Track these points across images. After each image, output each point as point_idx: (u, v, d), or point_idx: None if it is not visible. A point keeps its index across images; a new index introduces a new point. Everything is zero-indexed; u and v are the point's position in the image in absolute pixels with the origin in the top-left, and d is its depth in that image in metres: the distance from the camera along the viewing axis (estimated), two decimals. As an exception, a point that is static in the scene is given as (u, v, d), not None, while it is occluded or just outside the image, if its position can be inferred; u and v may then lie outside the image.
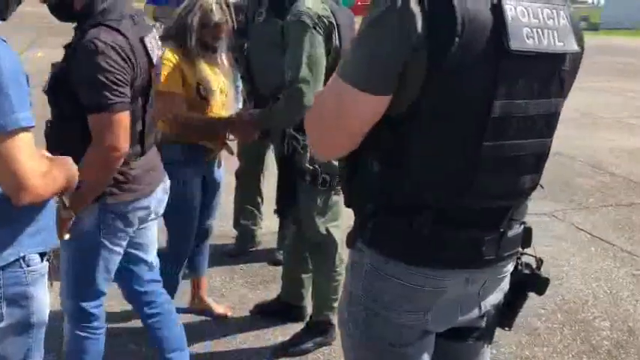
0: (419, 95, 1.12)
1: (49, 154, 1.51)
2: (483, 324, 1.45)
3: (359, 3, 11.58)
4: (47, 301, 1.51)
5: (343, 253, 2.67)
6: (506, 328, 1.50)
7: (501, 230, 1.29)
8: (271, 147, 3.48)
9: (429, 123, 1.15)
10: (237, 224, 3.72)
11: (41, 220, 1.44)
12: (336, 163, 2.47)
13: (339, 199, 2.58)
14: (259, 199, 3.71)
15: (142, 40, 1.82)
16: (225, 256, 3.57)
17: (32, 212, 1.39)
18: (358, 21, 2.49)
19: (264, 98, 3.04)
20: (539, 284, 1.44)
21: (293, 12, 2.32)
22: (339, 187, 2.58)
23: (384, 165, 1.22)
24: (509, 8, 1.11)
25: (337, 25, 2.38)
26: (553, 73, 1.21)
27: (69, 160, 1.52)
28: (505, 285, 1.43)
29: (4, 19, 1.42)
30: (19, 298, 1.41)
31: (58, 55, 1.84)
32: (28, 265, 1.41)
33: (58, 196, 1.53)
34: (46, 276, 1.49)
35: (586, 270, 3.71)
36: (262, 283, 3.33)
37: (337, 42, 2.38)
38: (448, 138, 1.16)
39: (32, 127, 1.31)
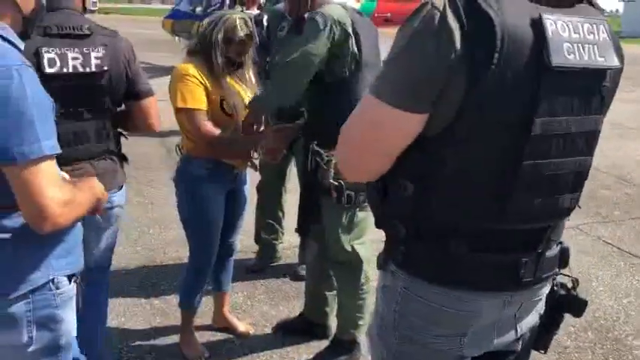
0: (456, 113, 1.09)
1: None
2: (519, 347, 1.40)
3: (376, 15, 11.59)
4: (75, 323, 1.49)
5: (369, 271, 2.63)
6: (542, 351, 1.45)
7: (539, 251, 1.25)
8: (293, 161, 3.46)
9: (466, 142, 1.11)
10: (258, 239, 3.69)
11: (69, 242, 1.43)
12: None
13: (364, 215, 2.54)
14: (280, 214, 3.68)
15: (35, 53, 1.77)
16: (246, 272, 3.54)
17: (61, 234, 1.38)
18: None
19: (286, 113, 3.03)
20: (576, 305, 1.39)
21: (313, 12, 2.38)
22: (365, 204, 2.55)
23: (417, 187, 1.19)
24: (550, 23, 1.08)
25: (356, 34, 2.36)
26: (594, 89, 1.17)
27: (93, 180, 1.51)
28: (541, 306, 1.39)
29: (28, 37, 1.42)
30: (49, 321, 1.40)
31: None
32: (57, 288, 1.40)
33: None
34: (74, 298, 1.47)
35: (615, 286, 3.62)
36: (284, 300, 3.29)
37: (354, 49, 2.35)
38: (486, 158, 1.12)
39: (57, 153, 1.30)
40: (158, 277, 3.43)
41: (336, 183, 2.43)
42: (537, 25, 1.07)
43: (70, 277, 1.45)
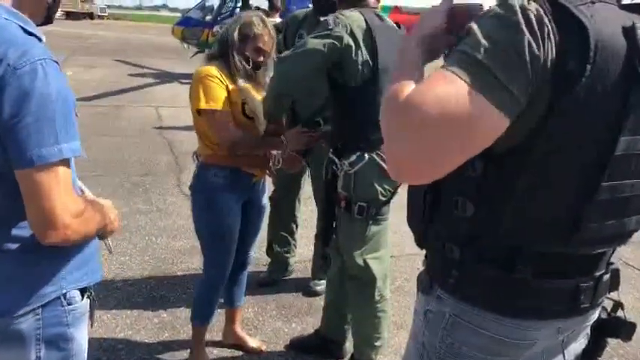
0: (535, 128, 0.98)
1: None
2: None
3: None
4: (86, 342, 1.38)
5: (384, 288, 2.51)
6: None
7: (597, 276, 1.18)
8: (307, 172, 3.35)
9: (542, 161, 1.01)
10: (269, 251, 3.58)
11: (85, 252, 1.32)
12: (377, 190, 2.39)
13: (379, 229, 2.44)
14: (294, 226, 3.57)
15: None
16: (257, 285, 3.42)
17: (75, 245, 1.27)
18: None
19: (304, 122, 2.93)
20: (624, 329, 1.30)
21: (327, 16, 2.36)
22: (379, 217, 2.45)
23: (479, 207, 1.08)
24: None
25: (373, 40, 2.28)
26: None
27: (107, 203, 1.41)
28: (588, 331, 1.30)
29: (51, 22, 1.33)
30: (59, 339, 1.29)
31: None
32: (69, 304, 1.29)
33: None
34: (87, 315, 1.36)
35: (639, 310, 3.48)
36: (297, 316, 3.16)
37: (367, 56, 2.27)
38: (561, 178, 1.02)
39: (77, 157, 1.20)
40: (167, 289, 3.31)
41: (345, 193, 2.34)
42: (630, 34, 0.97)
43: (82, 292, 1.34)
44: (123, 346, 2.74)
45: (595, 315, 1.27)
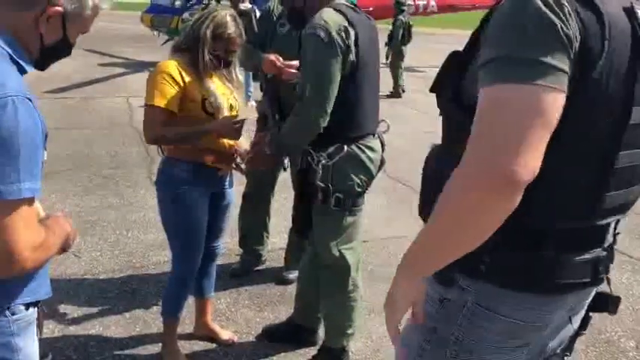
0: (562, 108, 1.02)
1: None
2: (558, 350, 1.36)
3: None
4: (36, 352, 1.36)
5: (357, 278, 2.54)
6: (567, 353, 1.39)
7: (608, 246, 1.22)
8: (286, 164, 3.29)
9: (568, 136, 1.04)
10: (242, 242, 3.57)
11: (31, 272, 1.29)
12: (354, 181, 2.40)
13: (353, 220, 2.45)
14: (267, 219, 3.55)
15: None
16: (229, 277, 3.42)
17: None
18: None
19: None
20: (609, 303, 1.33)
21: (310, 24, 2.23)
22: (355, 208, 2.46)
23: None
24: None
25: (356, 35, 2.25)
26: None
27: (63, 217, 1.40)
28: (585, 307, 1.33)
29: (42, 68, 1.32)
30: (4, 350, 1.27)
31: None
32: (12, 314, 1.27)
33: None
34: (35, 324, 1.34)
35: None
36: (269, 305, 3.18)
37: (353, 56, 2.25)
38: (585, 151, 1.08)
39: (36, 195, 1.18)
40: (138, 283, 3.30)
41: (323, 185, 2.34)
42: (631, 14, 1.07)
43: (28, 305, 1.31)
44: (94, 343, 2.73)
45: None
